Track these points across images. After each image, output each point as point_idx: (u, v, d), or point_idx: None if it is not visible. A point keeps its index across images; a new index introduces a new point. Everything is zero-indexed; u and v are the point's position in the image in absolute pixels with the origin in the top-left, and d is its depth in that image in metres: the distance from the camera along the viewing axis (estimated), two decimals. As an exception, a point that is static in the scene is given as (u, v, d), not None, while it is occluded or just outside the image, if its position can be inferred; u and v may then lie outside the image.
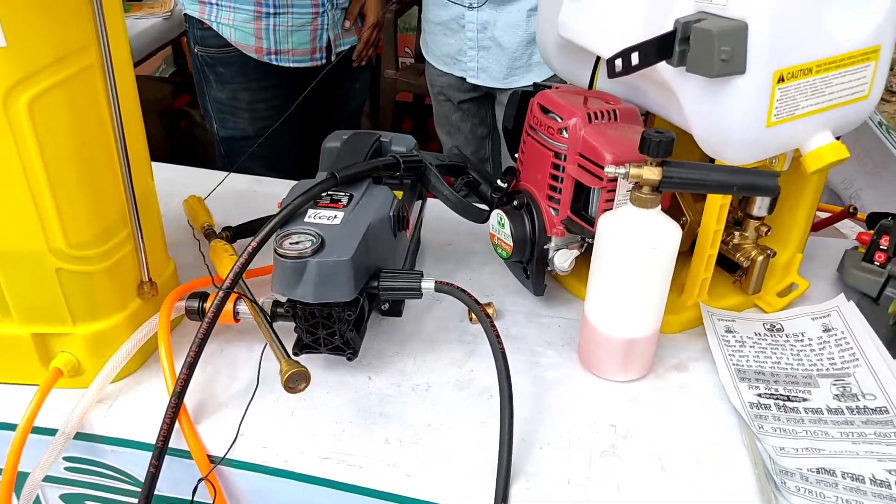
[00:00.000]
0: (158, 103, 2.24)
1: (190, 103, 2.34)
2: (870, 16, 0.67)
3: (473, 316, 0.80)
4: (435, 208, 0.92)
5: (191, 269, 0.86)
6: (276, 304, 0.75)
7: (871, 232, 0.86)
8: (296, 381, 0.63)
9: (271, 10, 1.41)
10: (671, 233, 0.68)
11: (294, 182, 0.78)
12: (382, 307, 0.83)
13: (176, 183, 1.05)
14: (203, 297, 0.76)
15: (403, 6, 2.50)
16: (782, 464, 0.65)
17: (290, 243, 0.67)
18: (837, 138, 0.72)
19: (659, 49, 0.64)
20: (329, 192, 0.74)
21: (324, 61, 1.53)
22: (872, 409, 0.71)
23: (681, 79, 0.67)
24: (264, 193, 1.11)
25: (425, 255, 0.99)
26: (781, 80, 0.64)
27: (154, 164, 0.79)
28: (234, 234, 0.91)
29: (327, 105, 1.62)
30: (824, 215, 1.12)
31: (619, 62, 0.65)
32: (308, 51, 1.49)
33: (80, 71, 0.62)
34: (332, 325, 0.71)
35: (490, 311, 0.85)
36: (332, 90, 1.61)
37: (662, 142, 0.64)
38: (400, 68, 2.52)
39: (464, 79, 1.52)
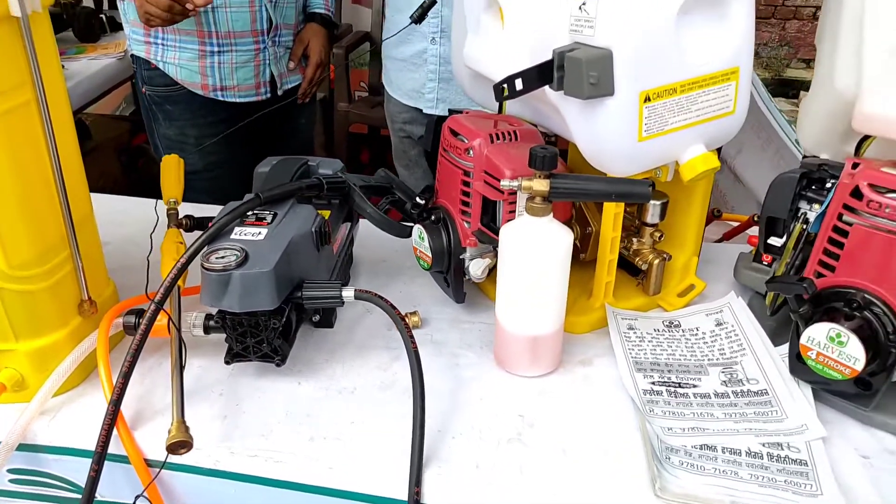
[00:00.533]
0: (116, 141, 2.29)
1: (148, 140, 2.41)
2: (727, 41, 0.76)
3: (410, 328, 0.86)
4: (370, 227, 0.99)
5: (139, 290, 0.91)
6: (207, 317, 0.80)
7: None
8: (177, 448, 0.68)
9: (215, 49, 1.47)
10: (562, 237, 0.76)
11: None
12: (313, 319, 0.89)
13: (129, 213, 1.11)
14: (140, 313, 0.81)
15: (354, 43, 2.60)
16: (669, 442, 0.72)
17: (217, 258, 0.73)
18: (718, 150, 0.81)
19: (539, 76, 0.72)
20: (255, 212, 0.80)
21: (268, 95, 1.60)
22: (755, 392, 0.79)
23: (564, 101, 0.76)
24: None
25: (360, 271, 1.06)
26: (648, 99, 0.73)
27: (109, 196, 0.85)
28: (194, 223, 0.95)
29: (275, 140, 1.69)
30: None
31: (504, 87, 0.74)
32: (253, 86, 1.56)
33: (17, 106, 0.68)
34: (260, 334, 0.77)
35: (415, 318, 0.92)
36: (279, 125, 1.68)
37: (547, 157, 0.72)
38: (354, 101, 2.61)
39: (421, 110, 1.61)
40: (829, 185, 0.73)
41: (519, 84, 0.73)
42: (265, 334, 0.77)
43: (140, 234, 0.97)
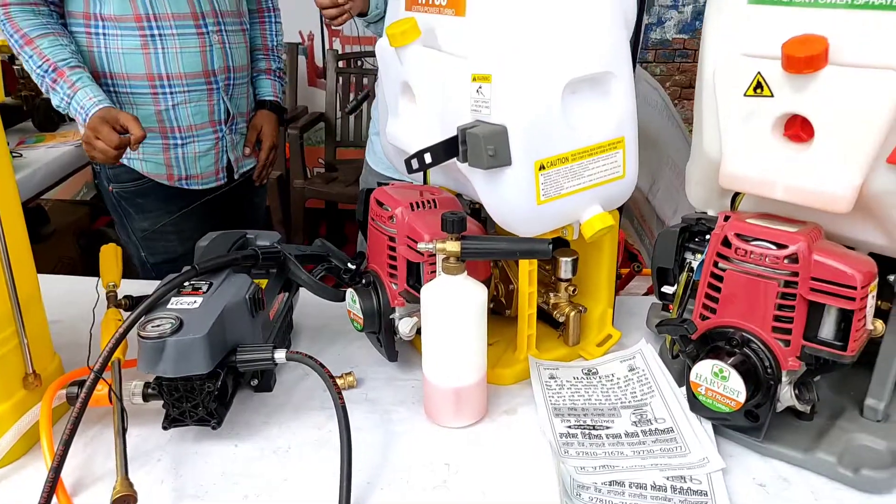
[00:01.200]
0: (75, 225, 2.33)
1: (109, 223, 2.46)
2: (610, 115, 0.86)
3: (338, 382, 0.91)
4: (311, 296, 1.04)
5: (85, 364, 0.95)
6: (146, 385, 0.85)
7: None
8: (122, 502, 0.72)
9: (178, 142, 1.53)
10: (477, 293, 0.83)
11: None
12: (252, 383, 0.94)
13: (82, 293, 1.16)
14: (82, 384, 0.85)
15: (309, 123, 2.73)
16: (580, 480, 0.77)
17: (153, 326, 0.79)
18: (620, 209, 0.90)
19: (446, 150, 0.81)
20: (192, 282, 0.86)
21: (225, 180, 1.67)
22: (661, 431, 0.85)
23: (471, 171, 0.84)
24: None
25: (301, 337, 1.11)
26: (542, 167, 0.82)
27: (63, 276, 0.90)
28: (132, 303, 1.01)
29: (235, 219, 1.75)
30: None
31: (415, 161, 0.82)
32: (213, 172, 1.62)
33: (-35, 194, 0.74)
34: (196, 398, 0.81)
35: (350, 378, 0.97)
36: (239, 207, 1.75)
37: (456, 221, 0.80)
38: (310, 177, 2.71)
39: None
40: (707, 236, 0.82)
41: (428, 157, 0.82)
42: (200, 398, 0.81)
43: (91, 313, 1.02)
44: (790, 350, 0.75)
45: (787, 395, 0.77)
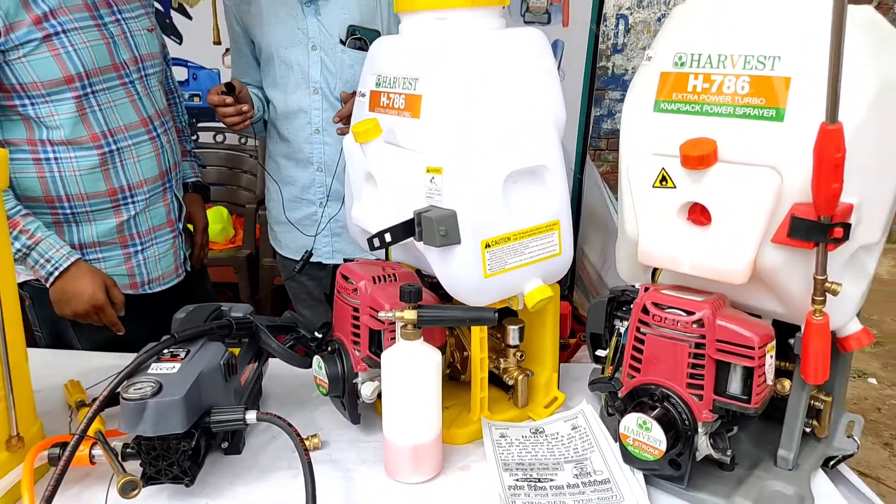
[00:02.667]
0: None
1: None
2: (547, 201, 1.00)
3: (305, 443, 0.99)
4: (280, 364, 1.12)
5: (64, 431, 1.01)
6: (125, 446, 0.91)
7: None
8: (127, 489, 0.78)
9: (139, 248, 1.49)
10: (432, 357, 0.93)
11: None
12: (222, 445, 1.00)
13: (60, 366, 1.23)
14: (64, 445, 0.91)
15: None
16: (525, 527, 0.85)
17: (134, 389, 0.86)
18: (564, 282, 1.02)
19: (404, 230, 0.93)
20: (170, 350, 0.94)
21: (184, 275, 1.61)
22: (599, 482, 0.94)
23: (427, 249, 0.96)
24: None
25: (270, 403, 1.18)
26: (488, 245, 0.94)
27: (46, 350, 0.96)
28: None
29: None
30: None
31: (376, 240, 0.94)
32: (173, 270, 1.57)
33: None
34: (171, 456, 0.88)
35: (315, 440, 1.04)
36: (194, 298, 1.75)
37: (413, 291, 0.91)
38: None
39: (319, 262, 1.79)
40: (631, 305, 0.94)
41: (388, 237, 0.93)
42: (176, 457, 0.88)
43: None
44: (703, 404, 0.85)
45: (703, 445, 0.87)
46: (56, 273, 1.33)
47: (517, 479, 0.95)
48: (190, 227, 1.70)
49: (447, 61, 0.93)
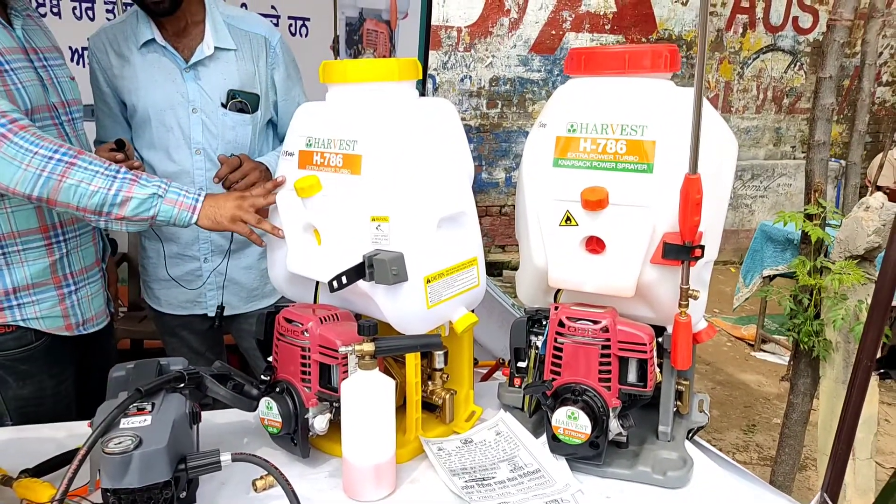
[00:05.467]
0: None
1: None
2: (466, 241, 1.18)
3: (257, 484, 1.04)
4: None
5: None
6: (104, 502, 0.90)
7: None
8: None
9: (73, 288, 1.46)
10: (387, 385, 1.05)
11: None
12: (180, 497, 1.02)
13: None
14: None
15: (116, 262, 2.70)
16: (487, 516, 1.01)
17: (115, 443, 0.88)
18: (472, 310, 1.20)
19: (355, 273, 1.06)
20: (135, 405, 0.96)
21: (109, 317, 1.59)
22: (532, 472, 1.12)
23: (374, 288, 1.09)
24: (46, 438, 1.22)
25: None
26: (429, 280, 1.10)
27: None
28: (33, 472, 1.02)
29: (102, 356, 1.62)
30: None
31: (335, 283, 1.05)
32: (104, 310, 1.56)
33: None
34: (154, 507, 0.90)
35: (269, 479, 1.09)
36: (110, 344, 1.69)
37: (370, 326, 1.03)
38: (118, 318, 2.65)
39: (205, 314, 1.79)
40: (544, 323, 1.15)
41: (344, 279, 1.05)
42: (158, 506, 0.90)
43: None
44: (612, 393, 1.08)
45: (614, 426, 1.09)
46: (201, 197, 1.30)
47: (466, 481, 1.10)
48: None
49: (385, 125, 1.09)
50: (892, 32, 6.54)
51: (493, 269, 5.57)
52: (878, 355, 1.62)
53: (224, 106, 1.65)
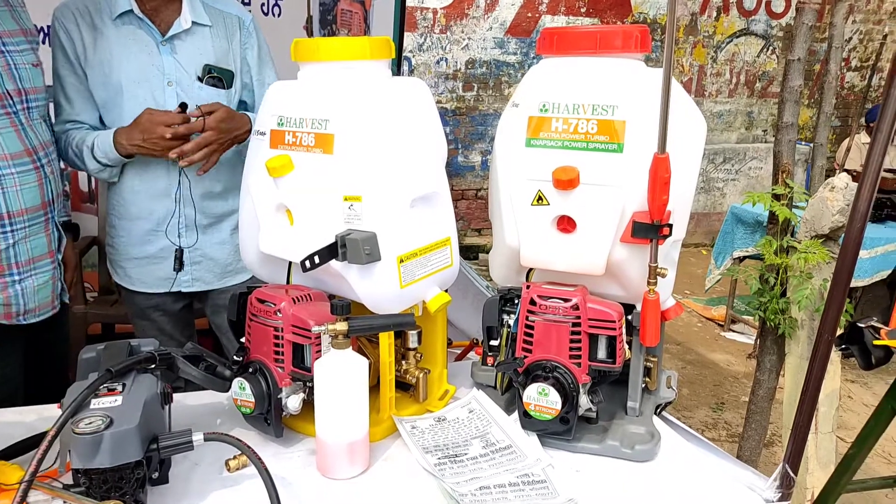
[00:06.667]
0: None
1: None
2: (438, 221, 1.19)
3: (231, 464, 1.04)
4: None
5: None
6: (66, 487, 0.90)
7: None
8: None
9: (17, 277, 1.45)
10: (362, 362, 1.06)
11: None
12: (153, 476, 1.02)
13: None
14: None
15: (85, 248, 2.66)
16: (459, 490, 1.02)
17: (85, 424, 0.87)
18: (446, 290, 1.21)
19: (328, 252, 1.05)
20: (105, 385, 0.95)
21: (59, 308, 1.59)
22: (503, 448, 1.14)
23: (347, 268, 1.09)
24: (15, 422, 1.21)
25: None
26: (402, 260, 1.10)
27: None
28: (2, 455, 1.01)
29: (52, 346, 1.67)
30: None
31: (307, 262, 1.05)
32: (49, 302, 1.54)
33: None
34: (125, 486, 0.90)
35: (243, 459, 1.10)
36: (63, 332, 1.70)
37: (343, 305, 1.03)
38: (88, 302, 2.61)
39: (179, 292, 1.77)
40: (516, 301, 1.16)
41: (317, 259, 1.05)
42: (129, 486, 0.90)
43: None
44: (582, 370, 1.10)
45: (584, 401, 1.11)
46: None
47: (439, 458, 1.11)
48: None
49: (357, 104, 1.09)
50: (862, 17, 6.65)
51: (469, 252, 5.58)
52: (839, 332, 1.67)
53: (200, 80, 1.64)
